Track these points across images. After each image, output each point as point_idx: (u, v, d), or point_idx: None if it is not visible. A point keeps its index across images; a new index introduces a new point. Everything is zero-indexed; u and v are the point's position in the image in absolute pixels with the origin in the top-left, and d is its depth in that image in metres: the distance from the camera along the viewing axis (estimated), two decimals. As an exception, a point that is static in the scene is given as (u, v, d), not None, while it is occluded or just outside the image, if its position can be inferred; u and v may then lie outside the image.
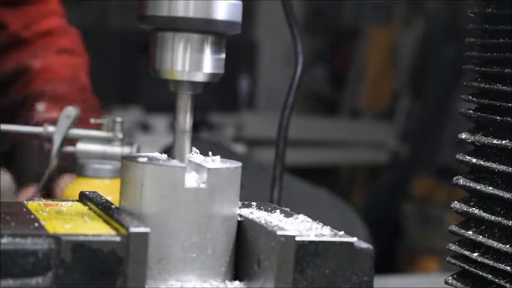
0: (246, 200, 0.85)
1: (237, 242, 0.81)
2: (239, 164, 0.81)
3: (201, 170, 0.79)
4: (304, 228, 0.78)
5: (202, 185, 0.78)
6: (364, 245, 0.77)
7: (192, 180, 0.78)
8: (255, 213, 0.82)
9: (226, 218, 0.79)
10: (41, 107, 1.43)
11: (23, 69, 1.51)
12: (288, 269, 0.74)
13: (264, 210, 0.84)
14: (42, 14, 1.56)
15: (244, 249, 0.80)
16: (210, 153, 0.83)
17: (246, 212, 0.83)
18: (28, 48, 1.53)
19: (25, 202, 0.85)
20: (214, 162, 0.81)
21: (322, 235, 0.76)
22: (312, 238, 0.75)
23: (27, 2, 1.55)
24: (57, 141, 1.17)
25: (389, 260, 3.95)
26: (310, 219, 0.81)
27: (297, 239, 0.74)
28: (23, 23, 1.53)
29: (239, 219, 0.81)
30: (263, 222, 0.78)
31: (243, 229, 0.81)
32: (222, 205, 0.79)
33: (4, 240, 0.70)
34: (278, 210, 0.84)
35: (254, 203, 0.86)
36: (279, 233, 0.74)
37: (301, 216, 0.81)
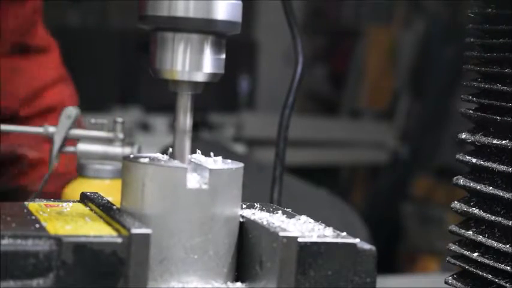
0: (245, 200, 0.85)
1: (239, 243, 0.81)
2: (241, 164, 0.81)
3: (203, 171, 0.79)
4: (306, 229, 0.78)
5: (204, 186, 0.78)
6: (366, 246, 0.77)
7: (193, 181, 0.78)
8: (257, 214, 0.82)
9: (228, 219, 0.79)
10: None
11: (16, 157, 1.43)
12: (290, 270, 0.74)
13: (266, 211, 0.84)
14: (44, 82, 1.48)
15: (246, 250, 0.80)
16: (211, 153, 0.83)
17: (248, 213, 0.83)
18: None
19: (26, 203, 0.85)
20: (216, 162, 0.81)
21: (325, 236, 0.76)
22: (315, 239, 0.75)
23: (29, 53, 1.46)
24: (58, 142, 1.16)
25: (389, 260, 3.96)
26: (312, 220, 0.81)
27: (299, 240, 0.74)
28: (21, 99, 1.44)
29: (241, 220, 0.81)
30: (265, 223, 0.78)
31: (245, 230, 0.81)
32: (224, 206, 0.79)
33: (5, 241, 0.70)
34: (280, 211, 0.84)
35: (257, 204, 0.86)
36: (281, 234, 0.74)
37: (303, 217, 0.81)
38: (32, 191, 1.31)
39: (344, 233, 0.78)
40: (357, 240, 0.77)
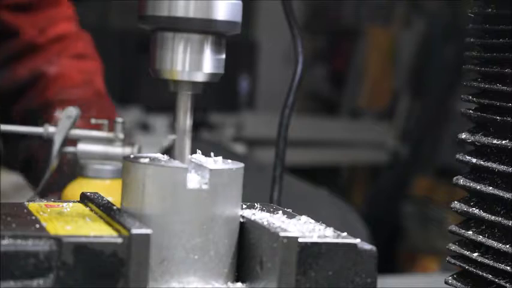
0: (245, 200, 0.85)
1: (240, 244, 0.81)
2: (241, 164, 0.81)
3: (203, 171, 0.79)
4: (307, 229, 0.78)
5: (205, 186, 0.78)
6: (367, 246, 0.77)
7: (194, 181, 0.78)
8: (257, 215, 0.82)
9: (229, 219, 0.79)
10: (58, 113, 1.42)
11: (37, 76, 1.51)
12: (291, 271, 0.74)
13: (267, 212, 0.84)
14: (54, 19, 1.56)
15: (247, 250, 0.80)
16: (212, 153, 0.83)
17: (248, 213, 0.83)
18: (42, 54, 1.53)
19: (26, 203, 0.85)
20: (216, 163, 0.81)
21: (325, 236, 0.76)
22: (315, 239, 0.75)
23: (40, 6, 1.54)
24: (58, 142, 1.16)
25: (389, 260, 3.96)
26: (313, 221, 0.81)
27: (300, 240, 0.74)
28: (36, 29, 1.53)
29: (241, 220, 0.81)
30: (265, 223, 0.78)
31: (246, 230, 0.81)
32: (225, 206, 0.79)
33: (5, 241, 0.70)
34: (280, 211, 0.84)
35: (257, 204, 0.86)
36: (282, 234, 0.74)
37: (303, 218, 0.81)
38: (57, 103, 1.37)
39: (345, 233, 0.78)
40: (357, 241, 0.77)
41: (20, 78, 1.51)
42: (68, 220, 0.78)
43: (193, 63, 0.80)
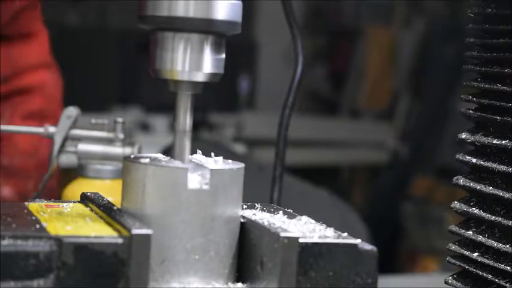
0: (245, 200, 0.85)
1: (240, 244, 0.81)
2: (242, 165, 0.81)
3: (204, 171, 0.79)
4: (307, 229, 0.78)
5: (205, 186, 0.78)
6: (368, 246, 0.77)
7: (194, 181, 0.78)
8: (257, 215, 0.82)
9: (229, 219, 0.79)
10: None
11: None
12: (292, 271, 0.74)
13: (267, 212, 0.84)
14: (23, 67, 1.46)
15: (247, 250, 0.80)
16: (212, 154, 0.83)
17: (248, 213, 0.83)
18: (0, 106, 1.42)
19: (26, 203, 0.85)
20: (217, 163, 0.81)
21: (326, 237, 0.76)
22: (316, 240, 0.75)
23: (12, 46, 1.43)
24: (58, 142, 1.16)
25: (389, 260, 3.96)
26: (313, 221, 0.81)
27: (301, 240, 0.74)
28: (3, 76, 1.42)
29: (242, 220, 0.81)
30: (266, 223, 0.78)
31: (246, 230, 0.80)
32: (225, 206, 0.79)
33: (5, 242, 0.70)
34: (281, 212, 0.84)
35: (258, 204, 0.86)
36: (282, 234, 0.74)
37: (304, 218, 0.81)
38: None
39: (345, 234, 0.78)
40: (358, 241, 0.76)
41: None
42: (68, 220, 0.78)
43: (193, 63, 0.80)
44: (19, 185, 1.17)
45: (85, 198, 0.87)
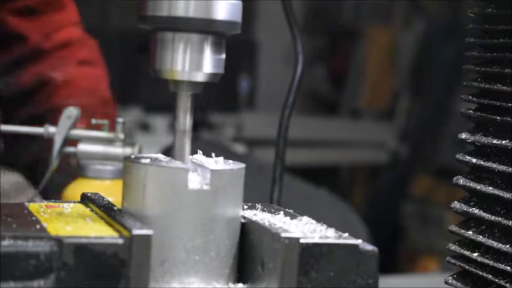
0: (245, 200, 0.85)
1: (241, 244, 0.80)
2: (242, 165, 0.81)
3: (204, 171, 0.79)
4: (308, 230, 0.78)
5: (206, 187, 0.78)
6: (369, 247, 0.77)
7: (195, 181, 0.78)
8: (258, 215, 0.82)
9: (230, 219, 0.79)
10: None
11: (44, 82, 1.51)
12: (292, 271, 0.74)
13: (268, 212, 0.84)
14: (59, 25, 1.56)
15: (248, 251, 0.80)
16: (213, 154, 0.83)
17: (249, 213, 0.83)
18: (48, 60, 1.53)
19: (26, 203, 0.85)
20: (217, 163, 0.81)
21: (327, 237, 0.76)
22: (317, 240, 0.75)
23: (44, 12, 1.54)
24: (58, 142, 1.16)
25: (389, 260, 3.96)
26: (314, 221, 0.81)
27: (301, 241, 0.74)
28: (41, 34, 1.53)
29: (242, 221, 0.81)
30: (267, 224, 0.78)
31: (247, 231, 0.80)
32: (226, 207, 0.79)
33: (5, 242, 0.70)
34: (282, 212, 0.84)
35: (258, 205, 0.86)
36: (283, 235, 0.74)
37: (305, 218, 0.81)
38: (62, 108, 1.38)
39: (346, 234, 0.78)
40: (359, 241, 0.76)
41: (25, 83, 1.51)
42: (68, 221, 0.78)
43: (193, 63, 0.80)
44: (88, 122, 1.22)
45: (85, 199, 0.87)
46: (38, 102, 1.51)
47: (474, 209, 0.89)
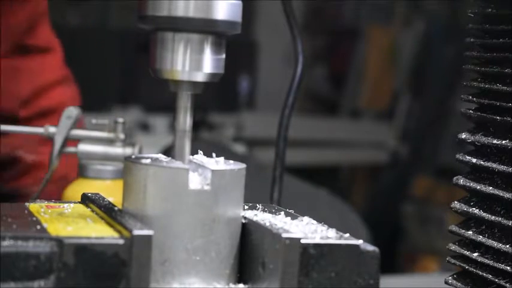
0: (245, 200, 0.85)
1: (241, 245, 0.80)
2: (243, 165, 0.81)
3: (205, 172, 0.79)
4: (309, 230, 0.78)
5: (206, 187, 0.78)
6: (370, 247, 0.77)
7: (195, 182, 0.78)
8: (259, 215, 0.82)
9: (231, 220, 0.79)
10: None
11: (15, 158, 1.41)
12: (293, 272, 0.73)
13: (269, 212, 0.84)
14: (40, 88, 1.45)
15: (249, 251, 0.80)
16: (213, 154, 0.83)
17: (250, 214, 0.83)
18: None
19: (27, 204, 0.85)
20: (218, 163, 0.81)
21: (328, 238, 0.76)
22: (318, 241, 0.75)
23: (24, 69, 1.41)
24: (59, 142, 1.16)
25: (389, 260, 3.96)
26: (315, 222, 0.81)
27: (302, 241, 0.74)
28: (18, 100, 1.41)
29: (243, 221, 0.81)
30: (267, 224, 0.78)
31: (248, 231, 0.80)
32: (226, 207, 0.79)
33: (5, 242, 0.70)
34: (283, 212, 0.84)
35: (259, 205, 0.86)
36: (284, 235, 0.74)
37: (306, 219, 0.81)
38: (30, 192, 1.30)
39: (347, 235, 0.78)
40: (360, 242, 0.76)
41: None
42: (69, 221, 0.78)
43: (193, 63, 0.80)
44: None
45: (86, 199, 0.87)
46: (7, 179, 1.41)
47: (474, 209, 0.89)
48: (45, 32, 1.49)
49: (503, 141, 0.86)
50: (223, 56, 0.82)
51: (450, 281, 0.91)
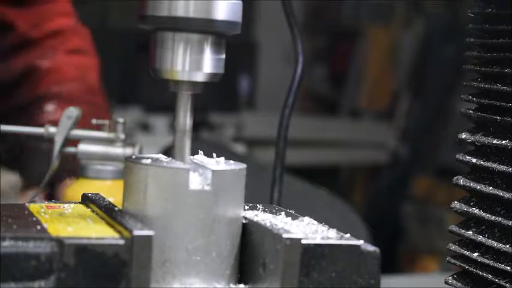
0: (245, 200, 0.85)
1: (242, 245, 0.80)
2: (244, 165, 0.81)
3: (205, 172, 0.79)
4: (309, 231, 0.78)
5: (207, 187, 0.78)
6: (370, 247, 0.77)
7: (196, 182, 0.78)
8: (259, 216, 0.82)
9: (231, 220, 0.79)
10: (48, 108, 1.42)
11: (31, 70, 1.51)
12: (294, 272, 0.73)
13: (269, 213, 0.84)
14: (51, 14, 1.56)
15: (249, 252, 0.80)
16: (214, 154, 0.83)
17: (250, 214, 0.83)
18: (37, 48, 1.53)
19: (27, 204, 0.85)
20: (219, 163, 0.81)
21: (328, 238, 0.76)
22: (318, 241, 0.75)
23: (37, 1, 1.54)
24: (59, 142, 1.16)
25: (389, 260, 3.96)
26: (315, 222, 0.81)
27: (303, 241, 0.74)
28: (32, 23, 1.53)
29: (244, 221, 0.81)
30: (268, 224, 0.78)
31: (248, 231, 0.80)
32: (227, 207, 0.79)
33: (6, 243, 0.70)
34: (283, 213, 0.84)
35: (259, 205, 0.86)
36: (285, 235, 0.74)
37: (306, 219, 0.81)
38: (47, 96, 1.37)
39: (348, 235, 0.78)
40: (360, 242, 0.76)
41: (14, 72, 1.51)
42: (69, 221, 0.78)
43: (193, 63, 0.80)
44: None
45: (86, 199, 0.87)
46: (25, 91, 1.50)
47: (474, 209, 0.89)
48: None
49: (503, 141, 0.86)
50: (223, 56, 0.82)
51: (450, 281, 0.91)
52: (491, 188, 0.87)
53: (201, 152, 0.84)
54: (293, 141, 1.53)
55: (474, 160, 0.90)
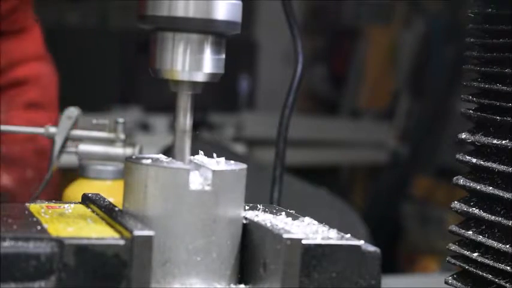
0: (245, 200, 0.85)
1: (242, 245, 0.81)
2: (244, 165, 0.81)
3: (206, 172, 0.79)
4: (310, 231, 0.78)
5: (207, 187, 0.78)
6: (371, 248, 0.77)
7: (196, 182, 0.78)
8: (260, 216, 0.82)
9: (231, 220, 0.79)
10: None
11: None
12: (294, 273, 0.73)
13: (270, 213, 0.84)
14: (18, 59, 1.47)
15: (250, 252, 0.80)
16: (214, 154, 0.83)
17: (251, 214, 0.83)
18: None
19: (27, 204, 0.85)
20: (219, 163, 0.81)
21: (329, 238, 0.76)
22: (319, 241, 0.75)
23: (5, 40, 1.45)
24: (59, 142, 1.17)
25: (389, 260, 3.95)
26: (316, 222, 0.81)
27: (304, 242, 0.74)
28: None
29: (244, 221, 0.81)
30: (269, 225, 0.78)
31: (249, 232, 0.80)
32: (227, 207, 0.79)
33: (6, 243, 0.70)
34: (284, 213, 0.84)
35: (260, 205, 0.86)
36: (285, 236, 0.74)
37: (307, 219, 0.81)
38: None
39: (348, 235, 0.78)
40: (361, 242, 0.76)
41: None
42: (69, 222, 0.78)
43: (193, 63, 0.80)
44: (18, 173, 1.17)
45: (86, 199, 0.87)
46: None
47: (474, 209, 0.89)
48: (24, 14, 1.51)
49: (503, 141, 0.87)
50: (223, 56, 0.82)
51: (450, 281, 0.91)
52: (491, 188, 0.87)
53: (201, 152, 0.84)
54: (293, 141, 1.53)
55: (474, 160, 0.90)
